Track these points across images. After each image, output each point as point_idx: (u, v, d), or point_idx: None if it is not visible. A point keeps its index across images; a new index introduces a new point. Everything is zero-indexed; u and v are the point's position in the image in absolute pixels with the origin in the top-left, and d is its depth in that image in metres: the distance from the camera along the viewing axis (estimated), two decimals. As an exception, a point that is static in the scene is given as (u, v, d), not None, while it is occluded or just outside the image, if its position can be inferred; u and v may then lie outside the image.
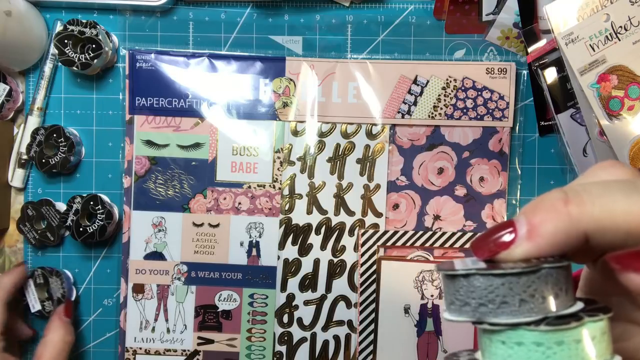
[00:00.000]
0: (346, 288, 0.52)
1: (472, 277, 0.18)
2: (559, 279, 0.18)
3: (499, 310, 0.17)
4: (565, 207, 0.18)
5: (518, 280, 0.17)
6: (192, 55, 0.52)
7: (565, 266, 0.18)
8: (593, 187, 0.18)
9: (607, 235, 0.18)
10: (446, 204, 0.52)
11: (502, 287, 0.17)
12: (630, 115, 0.48)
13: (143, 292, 0.53)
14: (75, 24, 0.49)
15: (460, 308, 0.18)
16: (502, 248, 0.18)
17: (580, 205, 0.18)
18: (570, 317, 0.17)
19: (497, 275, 0.17)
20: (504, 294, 0.17)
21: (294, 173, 0.52)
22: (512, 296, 0.17)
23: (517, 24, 0.50)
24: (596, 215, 0.17)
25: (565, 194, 0.18)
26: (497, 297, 0.17)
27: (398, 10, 0.52)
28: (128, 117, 0.52)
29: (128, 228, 0.52)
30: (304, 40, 0.53)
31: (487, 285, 0.18)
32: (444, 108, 0.52)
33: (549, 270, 0.17)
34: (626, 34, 0.47)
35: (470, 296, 0.18)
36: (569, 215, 0.17)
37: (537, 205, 0.18)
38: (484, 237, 0.19)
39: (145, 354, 0.53)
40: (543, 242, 0.18)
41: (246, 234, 0.52)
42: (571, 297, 0.18)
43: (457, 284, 0.18)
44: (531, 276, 0.17)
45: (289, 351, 0.53)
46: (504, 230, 0.18)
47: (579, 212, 0.17)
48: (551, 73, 0.50)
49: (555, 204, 0.18)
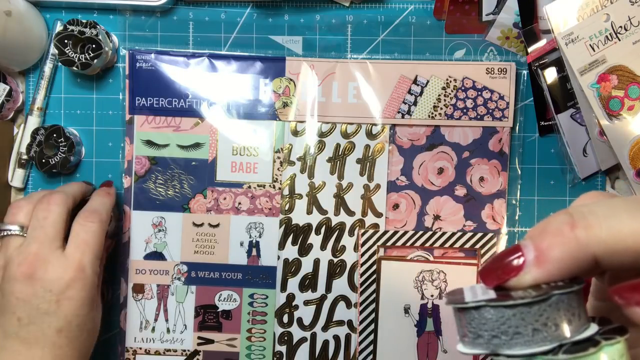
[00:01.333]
0: (346, 288, 0.52)
1: (482, 309, 0.18)
2: (571, 304, 0.17)
3: (513, 342, 0.17)
4: (572, 231, 0.17)
5: (529, 309, 0.17)
6: (192, 55, 0.52)
7: (577, 290, 0.18)
8: (599, 209, 0.18)
9: (616, 257, 0.17)
10: (446, 204, 0.52)
11: (514, 318, 0.17)
12: (630, 115, 0.48)
13: (143, 292, 0.53)
14: (75, 24, 0.49)
15: (474, 340, 0.18)
16: (511, 275, 0.18)
17: (588, 228, 0.17)
18: (587, 342, 0.17)
19: (507, 307, 0.17)
20: (517, 325, 0.17)
21: (294, 173, 0.52)
22: (525, 326, 0.17)
23: (517, 24, 0.50)
24: (604, 238, 0.17)
25: (571, 217, 0.18)
26: (509, 328, 0.17)
27: (398, 10, 0.52)
28: (128, 117, 0.52)
29: (128, 228, 0.52)
30: (304, 40, 0.53)
31: (499, 316, 0.17)
32: (444, 108, 0.52)
33: (559, 296, 0.17)
34: (626, 34, 0.47)
35: (482, 328, 0.18)
36: (577, 240, 0.17)
37: (544, 229, 0.18)
38: (492, 264, 0.19)
39: (145, 354, 0.53)
40: (552, 267, 0.17)
41: (246, 234, 0.52)
42: (585, 320, 0.18)
43: (468, 316, 0.18)
44: (542, 305, 0.17)
45: (289, 351, 0.53)
46: (512, 256, 0.18)
47: (587, 236, 0.17)
48: (551, 73, 0.50)
49: (562, 228, 0.17)
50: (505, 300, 0.17)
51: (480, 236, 0.52)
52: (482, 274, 0.19)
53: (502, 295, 0.18)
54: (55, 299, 0.43)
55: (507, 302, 0.17)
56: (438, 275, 0.52)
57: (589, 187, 0.53)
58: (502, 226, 0.52)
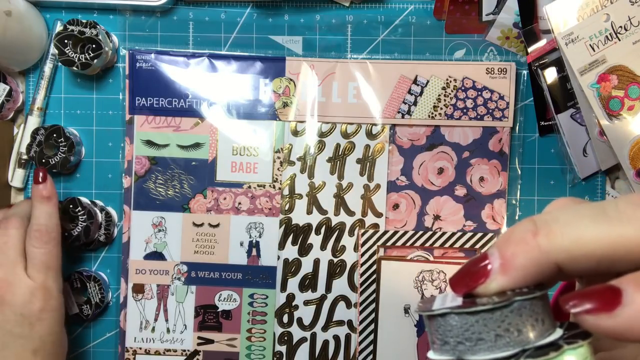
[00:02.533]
0: (346, 288, 0.52)
1: (448, 316, 0.18)
2: (533, 310, 0.18)
3: (477, 347, 0.18)
4: (534, 239, 0.18)
5: (491, 316, 0.17)
6: (192, 55, 0.52)
7: (539, 296, 0.18)
8: (562, 216, 0.18)
9: (578, 263, 0.18)
10: (446, 204, 0.52)
11: (477, 324, 0.17)
12: (630, 115, 0.48)
13: (143, 292, 0.53)
14: (75, 24, 0.49)
15: (441, 347, 0.18)
16: (478, 283, 0.18)
17: (549, 236, 0.18)
18: (549, 347, 0.17)
19: (470, 313, 0.18)
20: (480, 331, 0.17)
21: (294, 173, 0.52)
22: (488, 332, 0.17)
23: (517, 24, 0.50)
24: (566, 245, 0.17)
25: (534, 224, 0.18)
26: (473, 335, 0.18)
27: (398, 10, 0.52)
28: (128, 117, 0.52)
29: (128, 228, 0.52)
30: (304, 40, 0.53)
31: (463, 323, 0.18)
32: (444, 108, 0.52)
33: (521, 303, 0.18)
34: (626, 34, 0.47)
35: (448, 335, 0.18)
36: (539, 247, 0.18)
37: (509, 238, 0.18)
38: (461, 273, 0.19)
39: (145, 354, 0.53)
40: (516, 274, 0.18)
41: (246, 234, 0.52)
42: (549, 326, 0.18)
43: (435, 323, 0.19)
44: (504, 310, 0.17)
45: (289, 351, 0.53)
46: (479, 264, 0.19)
47: (548, 243, 0.17)
48: (551, 73, 0.50)
49: (525, 236, 0.18)
50: (469, 307, 0.18)
51: (480, 236, 0.52)
52: (452, 282, 0.19)
53: (467, 303, 0.18)
54: (27, 322, 0.43)
55: (469, 309, 0.17)
56: (438, 275, 0.52)
57: (589, 187, 0.53)
58: (502, 226, 0.52)
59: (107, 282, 0.53)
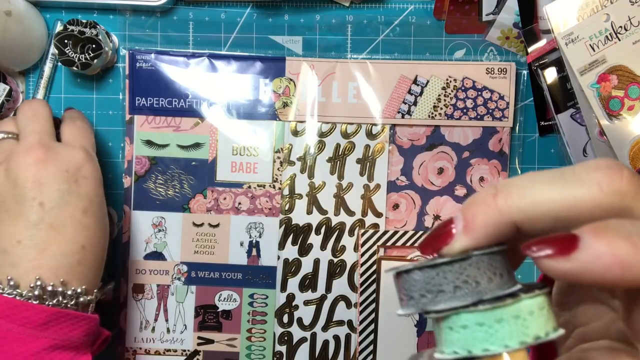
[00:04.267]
0: (346, 288, 0.52)
1: (412, 272, 0.20)
2: (492, 264, 0.19)
3: (437, 299, 0.19)
4: (493, 200, 0.19)
5: (451, 268, 0.19)
6: (192, 55, 0.52)
7: (497, 252, 0.19)
8: (521, 180, 0.19)
9: (535, 223, 0.19)
10: (446, 204, 0.52)
11: (438, 277, 0.19)
12: (630, 115, 0.48)
13: (143, 292, 0.53)
14: (75, 24, 0.49)
15: (407, 302, 0.20)
16: (443, 244, 0.20)
17: (507, 197, 0.19)
18: (507, 297, 0.19)
19: (431, 267, 0.19)
20: (440, 283, 0.19)
21: (294, 173, 0.52)
22: (447, 284, 0.19)
23: (517, 24, 0.50)
24: (522, 205, 0.19)
25: (495, 188, 0.19)
26: (434, 287, 0.19)
27: (398, 10, 0.52)
28: (128, 117, 0.52)
29: (128, 228, 0.52)
30: (304, 40, 0.53)
31: (425, 277, 0.19)
32: (444, 108, 0.52)
33: (479, 257, 0.19)
34: (626, 34, 0.47)
35: (412, 290, 0.20)
36: (498, 208, 0.19)
37: (472, 201, 0.20)
38: (428, 236, 0.21)
39: (145, 354, 0.53)
40: (477, 234, 0.19)
41: (246, 234, 0.52)
42: (509, 280, 0.19)
43: (401, 281, 0.20)
44: (462, 263, 0.19)
45: (289, 351, 0.53)
46: (445, 228, 0.20)
47: (506, 204, 0.19)
48: (551, 73, 0.50)
49: (485, 198, 0.19)
50: (430, 262, 0.19)
51: (480, 236, 0.52)
52: (420, 245, 0.21)
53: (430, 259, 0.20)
54: (73, 178, 0.42)
55: (430, 262, 0.19)
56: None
57: (589, 187, 0.53)
58: (502, 226, 0.52)
59: (107, 281, 0.53)
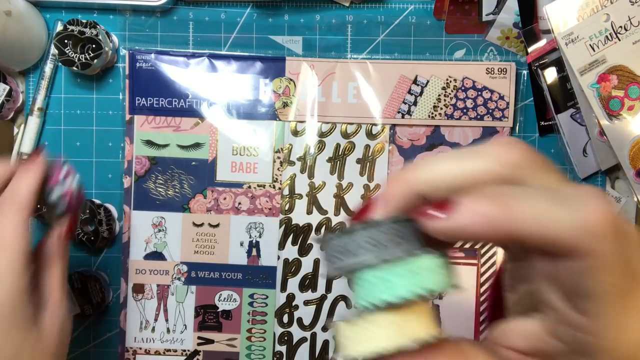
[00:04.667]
0: (346, 288, 0.52)
1: (332, 240, 0.22)
2: (400, 231, 0.21)
3: (347, 259, 0.22)
4: (403, 175, 0.22)
5: (363, 233, 0.21)
6: (192, 55, 0.52)
7: (404, 220, 0.21)
8: (431, 158, 0.22)
9: (437, 192, 0.21)
10: (446, 204, 0.52)
11: (349, 242, 0.22)
12: (630, 115, 0.48)
13: (143, 292, 0.53)
14: (75, 24, 0.49)
15: (328, 265, 0.23)
16: (367, 215, 0.23)
17: (414, 171, 0.22)
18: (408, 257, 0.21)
19: (344, 233, 0.22)
20: (354, 246, 0.22)
21: (294, 173, 0.52)
22: (356, 247, 0.21)
23: (517, 24, 0.50)
24: (425, 177, 0.21)
25: (409, 166, 0.23)
26: (345, 250, 0.22)
27: (398, 10, 0.52)
28: (128, 117, 0.52)
29: (128, 228, 0.52)
30: (304, 40, 0.53)
31: (340, 242, 0.22)
32: (444, 108, 0.52)
33: (389, 225, 0.21)
34: (626, 34, 0.47)
35: (331, 254, 0.22)
36: (406, 181, 0.22)
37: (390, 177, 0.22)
38: (356, 210, 0.24)
39: (145, 354, 0.53)
40: (391, 205, 0.22)
41: (246, 234, 0.52)
42: (416, 248, 0.21)
43: (325, 248, 0.23)
44: (371, 230, 0.21)
45: (289, 351, 0.53)
46: (369, 201, 0.23)
47: (412, 177, 0.22)
48: (551, 73, 0.50)
49: (398, 174, 0.23)
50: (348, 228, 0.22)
51: (480, 236, 0.52)
52: (352, 217, 0.24)
53: None
54: None
55: (348, 229, 0.22)
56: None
57: (589, 187, 0.53)
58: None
59: (108, 281, 0.53)
